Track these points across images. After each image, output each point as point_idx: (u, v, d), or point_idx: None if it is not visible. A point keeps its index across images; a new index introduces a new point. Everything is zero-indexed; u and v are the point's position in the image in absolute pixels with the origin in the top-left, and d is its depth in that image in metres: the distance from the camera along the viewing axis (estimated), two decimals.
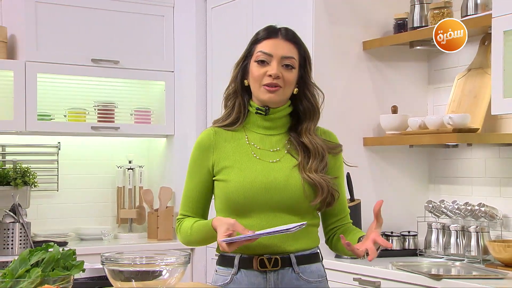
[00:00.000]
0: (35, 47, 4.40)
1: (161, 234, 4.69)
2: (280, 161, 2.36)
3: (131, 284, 2.09)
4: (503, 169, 3.63)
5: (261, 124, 2.40)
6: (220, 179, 2.34)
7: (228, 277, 2.35)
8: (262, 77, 2.33)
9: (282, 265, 2.32)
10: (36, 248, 2.10)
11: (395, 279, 3.28)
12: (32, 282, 1.95)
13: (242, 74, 2.41)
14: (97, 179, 4.89)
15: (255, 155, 2.36)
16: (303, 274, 2.34)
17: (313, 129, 2.40)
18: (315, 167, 2.32)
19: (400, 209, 3.96)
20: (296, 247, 2.33)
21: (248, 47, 2.42)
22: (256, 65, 2.35)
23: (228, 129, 2.41)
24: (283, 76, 2.33)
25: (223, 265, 2.39)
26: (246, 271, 2.33)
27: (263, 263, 2.31)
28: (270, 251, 2.31)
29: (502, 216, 3.58)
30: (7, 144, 4.63)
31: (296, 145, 2.37)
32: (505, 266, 3.29)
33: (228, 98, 2.45)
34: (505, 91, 3.15)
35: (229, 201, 2.32)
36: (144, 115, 4.82)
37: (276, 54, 2.34)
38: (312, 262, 2.37)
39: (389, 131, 3.86)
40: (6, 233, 3.92)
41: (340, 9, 3.88)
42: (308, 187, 2.30)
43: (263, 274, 2.32)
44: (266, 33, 2.39)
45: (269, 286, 2.32)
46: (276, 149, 2.38)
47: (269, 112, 2.38)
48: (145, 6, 4.73)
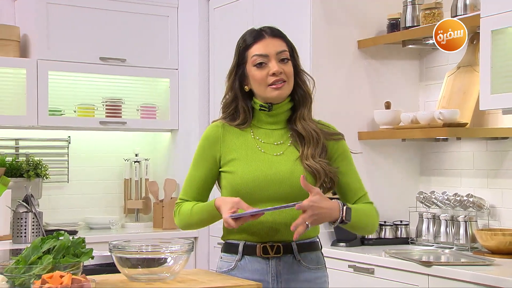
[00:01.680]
0: (46, 46, 4.40)
1: (166, 224, 4.70)
2: (283, 154, 2.35)
3: (137, 270, 2.10)
4: (490, 162, 3.63)
5: (265, 119, 2.40)
6: (227, 170, 2.34)
7: (232, 263, 2.36)
8: (266, 78, 2.33)
9: (284, 252, 2.32)
10: (47, 236, 2.10)
11: (388, 266, 3.29)
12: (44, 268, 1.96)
13: (240, 81, 2.39)
14: (105, 171, 4.90)
15: (260, 149, 2.36)
16: (303, 261, 2.34)
17: (306, 114, 2.38)
18: (311, 152, 2.31)
19: (392, 200, 3.96)
20: None
21: (239, 55, 2.39)
22: (256, 69, 2.34)
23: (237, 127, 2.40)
24: (284, 70, 2.33)
25: (228, 252, 2.39)
26: (249, 257, 2.33)
27: (266, 250, 2.31)
28: (273, 239, 2.31)
29: (489, 206, 3.58)
30: (20, 138, 4.63)
31: (297, 137, 2.37)
32: (491, 253, 3.29)
33: (226, 106, 2.43)
34: (492, 87, 3.15)
35: (235, 191, 2.32)
36: (150, 111, 4.82)
37: (271, 53, 2.33)
38: (312, 250, 2.37)
39: (382, 126, 3.86)
40: (20, 222, 3.92)
41: (336, 10, 3.87)
42: (310, 177, 2.30)
43: (266, 261, 2.32)
44: (253, 37, 2.36)
45: (271, 271, 2.32)
46: (280, 142, 2.38)
47: (272, 108, 2.38)
48: (151, 7, 4.73)
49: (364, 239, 3.78)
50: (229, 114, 2.42)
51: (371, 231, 2.44)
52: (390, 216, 3.91)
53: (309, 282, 2.34)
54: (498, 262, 3.12)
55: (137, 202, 4.86)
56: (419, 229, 3.74)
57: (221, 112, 2.46)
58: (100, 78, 4.70)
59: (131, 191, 4.88)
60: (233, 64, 2.41)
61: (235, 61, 2.41)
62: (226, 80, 2.43)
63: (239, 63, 2.39)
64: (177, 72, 4.82)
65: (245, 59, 2.37)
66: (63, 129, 4.65)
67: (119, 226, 4.74)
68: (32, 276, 1.93)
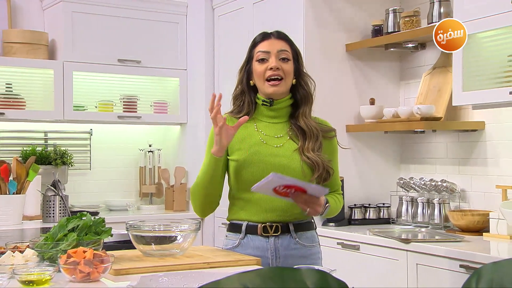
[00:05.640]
0: (71, 50, 4.40)
1: (176, 206, 4.71)
2: (283, 146, 2.34)
3: (151, 247, 2.11)
4: (461, 151, 3.64)
5: (267, 114, 2.40)
6: (233, 159, 2.33)
7: (236, 241, 2.36)
8: (264, 72, 2.33)
9: (282, 232, 2.32)
10: (72, 216, 2.12)
11: (372, 243, 3.30)
12: (69, 244, 1.97)
13: (247, 76, 2.40)
14: (122, 160, 4.90)
15: (262, 140, 2.35)
16: (300, 239, 2.34)
17: (308, 112, 2.38)
18: (311, 146, 2.31)
19: (376, 185, 3.97)
20: (294, 217, 2.34)
21: (249, 52, 2.41)
22: (258, 63, 2.35)
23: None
24: (282, 68, 2.33)
25: (232, 231, 2.39)
26: (251, 236, 2.34)
27: (266, 229, 2.32)
28: (272, 219, 2.32)
29: (460, 190, 3.60)
30: (48, 131, 4.64)
31: (296, 131, 2.36)
32: (462, 231, 3.31)
33: (236, 98, 2.44)
34: (464, 86, 3.16)
35: (238, 177, 2.32)
36: (162, 106, 4.82)
37: (272, 50, 2.34)
38: (307, 229, 2.37)
39: (367, 120, 3.86)
40: (48, 204, 3.94)
41: (327, 18, 3.87)
42: (306, 167, 2.29)
43: (266, 239, 2.32)
44: (261, 36, 2.39)
45: (270, 248, 2.32)
46: (280, 135, 2.37)
47: (273, 104, 2.38)
48: (162, 15, 4.73)
49: (351, 219, 3.79)
50: (237, 106, 2.42)
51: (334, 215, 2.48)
52: (373, 199, 3.93)
53: (305, 258, 2.34)
54: (468, 239, 3.14)
55: (151, 187, 4.87)
56: (399, 211, 3.76)
57: (231, 103, 2.46)
58: (118, 77, 4.71)
59: (146, 177, 4.89)
60: (244, 60, 2.42)
61: (246, 57, 2.42)
62: (238, 74, 2.44)
63: (249, 59, 2.40)
64: (186, 72, 4.82)
65: (252, 56, 2.38)
66: (85, 123, 4.66)
67: (135, 208, 4.76)
68: (59, 251, 1.94)
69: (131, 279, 1.77)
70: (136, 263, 1.99)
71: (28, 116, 4.35)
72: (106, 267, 1.82)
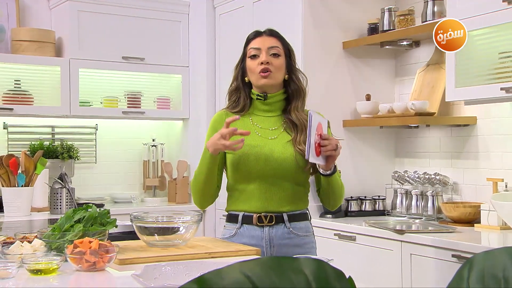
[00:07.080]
0: (77, 47, 4.39)
1: (179, 198, 4.71)
2: (277, 138, 2.36)
3: (154, 237, 2.11)
4: (454, 146, 3.64)
5: (261, 108, 2.41)
6: (230, 152, 2.34)
7: (233, 231, 2.38)
8: (256, 67, 2.36)
9: (276, 222, 2.33)
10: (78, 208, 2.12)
11: (368, 234, 3.30)
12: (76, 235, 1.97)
13: (242, 73, 2.42)
14: (127, 154, 4.90)
15: (257, 133, 2.37)
16: (293, 229, 2.35)
17: (300, 106, 2.40)
18: (303, 139, 2.32)
19: (371, 178, 3.97)
20: (289, 208, 2.34)
21: (243, 50, 2.44)
22: (250, 59, 2.38)
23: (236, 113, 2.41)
24: (272, 62, 2.35)
25: (230, 221, 2.41)
26: (247, 226, 2.35)
27: (261, 220, 2.33)
28: (267, 210, 2.33)
29: (453, 183, 3.60)
30: (55, 126, 4.64)
31: (290, 124, 2.38)
32: (454, 222, 3.31)
33: (231, 93, 2.46)
34: (456, 82, 3.15)
35: (235, 168, 2.33)
36: (165, 102, 4.82)
37: (263, 47, 2.37)
38: (301, 220, 2.38)
39: (363, 115, 3.86)
40: (55, 196, 3.94)
41: (324, 16, 3.87)
42: (299, 158, 2.31)
43: (261, 228, 2.33)
44: (254, 34, 2.43)
45: (265, 238, 2.33)
46: (274, 128, 2.39)
47: (267, 98, 2.39)
48: (165, 14, 4.72)
49: (347, 211, 3.79)
50: (232, 102, 2.44)
51: (340, 200, 2.42)
52: (369, 191, 3.93)
53: (299, 247, 2.35)
54: (460, 229, 3.14)
55: (154, 180, 4.87)
56: (394, 203, 3.76)
57: (227, 98, 2.48)
58: (123, 74, 4.70)
59: (149, 170, 4.89)
60: (240, 58, 2.45)
61: (241, 55, 2.45)
62: (233, 70, 2.46)
63: (243, 56, 2.43)
64: (188, 69, 4.81)
65: (246, 53, 2.41)
66: (91, 118, 4.65)
67: (139, 200, 4.76)
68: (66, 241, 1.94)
69: (135, 269, 1.77)
70: (140, 253, 2.00)
71: (36, 111, 4.35)
72: (111, 257, 1.83)
